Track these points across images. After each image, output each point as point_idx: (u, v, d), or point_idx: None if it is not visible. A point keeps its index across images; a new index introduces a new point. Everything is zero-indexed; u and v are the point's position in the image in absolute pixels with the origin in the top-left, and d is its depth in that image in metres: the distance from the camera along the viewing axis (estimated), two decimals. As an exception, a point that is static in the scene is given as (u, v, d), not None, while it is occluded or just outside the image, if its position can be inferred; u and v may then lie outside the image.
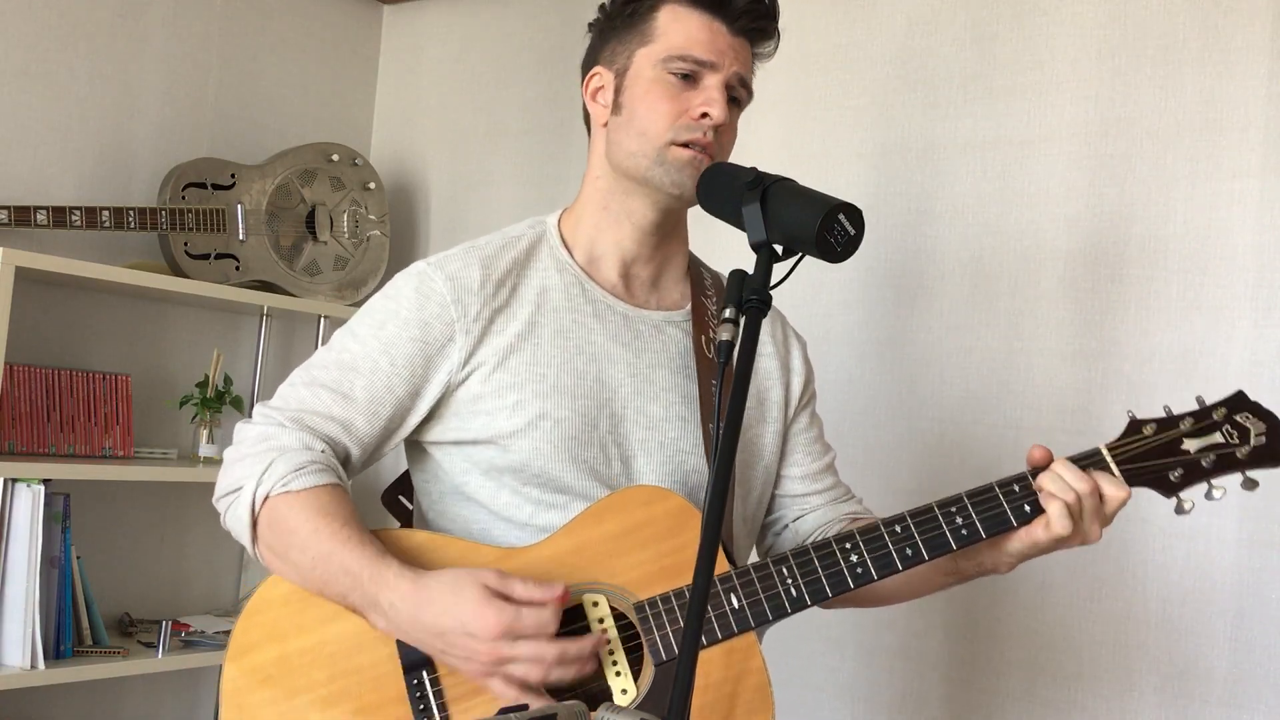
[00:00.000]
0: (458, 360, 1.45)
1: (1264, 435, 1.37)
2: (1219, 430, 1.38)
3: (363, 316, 1.49)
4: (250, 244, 2.85)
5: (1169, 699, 2.08)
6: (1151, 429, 1.39)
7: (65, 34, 2.72)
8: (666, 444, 1.50)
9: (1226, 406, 1.40)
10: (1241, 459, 1.38)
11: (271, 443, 1.41)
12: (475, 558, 1.40)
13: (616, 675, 1.36)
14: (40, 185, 2.67)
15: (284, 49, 3.15)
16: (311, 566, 1.36)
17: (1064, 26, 2.29)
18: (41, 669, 2.34)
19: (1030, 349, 2.27)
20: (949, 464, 2.34)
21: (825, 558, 1.38)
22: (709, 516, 1.08)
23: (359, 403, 1.44)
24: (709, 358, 1.54)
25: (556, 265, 1.52)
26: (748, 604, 1.36)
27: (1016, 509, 1.37)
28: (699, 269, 1.63)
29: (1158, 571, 2.11)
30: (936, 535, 1.37)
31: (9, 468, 2.36)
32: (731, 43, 1.49)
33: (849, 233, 1.28)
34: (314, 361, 1.49)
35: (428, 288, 1.45)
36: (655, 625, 1.36)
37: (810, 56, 2.57)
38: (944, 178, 2.39)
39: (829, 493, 1.65)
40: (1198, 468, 1.37)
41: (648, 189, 1.49)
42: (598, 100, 1.53)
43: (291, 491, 1.37)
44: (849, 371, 2.47)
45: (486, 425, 1.45)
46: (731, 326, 1.23)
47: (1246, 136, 2.09)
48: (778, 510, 1.65)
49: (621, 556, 1.39)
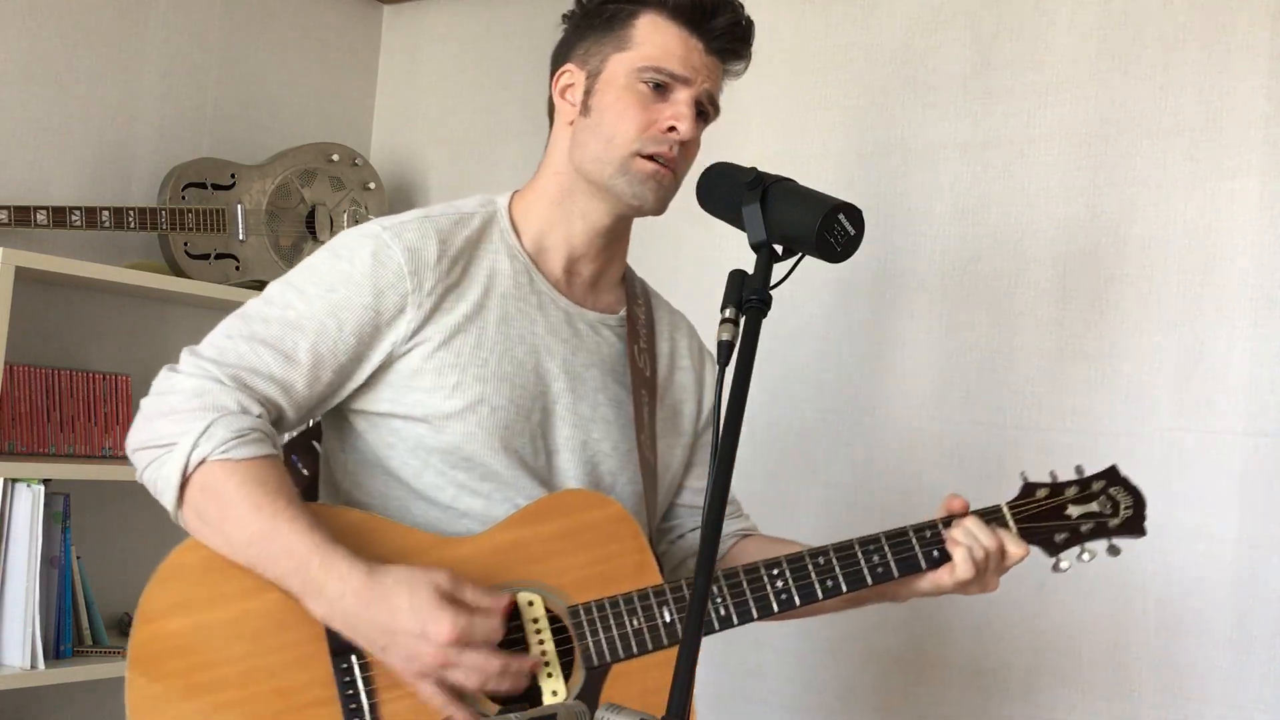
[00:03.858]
0: (405, 332, 1.43)
1: (1131, 509, 1.55)
2: (1096, 500, 1.55)
3: (309, 273, 1.44)
4: (250, 244, 2.85)
5: (1169, 699, 2.08)
6: (1044, 493, 1.54)
7: (65, 34, 2.71)
8: (589, 444, 1.53)
9: (1104, 479, 1.57)
10: (1111, 528, 1.55)
11: (208, 399, 1.35)
12: (410, 543, 1.39)
13: (548, 676, 1.38)
14: (40, 185, 2.67)
15: (284, 49, 3.15)
16: (248, 542, 1.32)
17: (1064, 26, 2.29)
18: (41, 669, 2.34)
19: (1030, 349, 2.27)
20: (949, 464, 2.34)
21: (753, 582, 1.44)
22: (709, 516, 1.09)
23: (302, 365, 1.40)
24: (639, 368, 1.57)
25: (507, 250, 1.52)
26: (679, 618, 1.41)
27: (927, 553, 1.48)
28: (633, 281, 1.65)
29: (1158, 571, 2.11)
30: (855, 571, 1.46)
31: (9, 468, 2.35)
32: (706, 60, 1.50)
33: (849, 233, 1.29)
34: (252, 314, 1.43)
35: (385, 254, 1.42)
36: (589, 630, 1.40)
37: (810, 56, 2.57)
38: (944, 178, 2.39)
39: (727, 508, 1.69)
40: (1077, 532, 1.54)
41: (606, 195, 1.50)
42: (566, 98, 1.53)
43: (232, 460, 1.32)
44: (848, 372, 2.47)
45: (421, 403, 1.44)
46: (731, 327, 1.23)
47: (1246, 136, 2.09)
48: (675, 519, 1.70)
49: (559, 558, 1.42)
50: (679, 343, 1.69)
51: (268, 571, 1.33)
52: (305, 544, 1.31)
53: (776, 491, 2.50)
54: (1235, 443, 2.06)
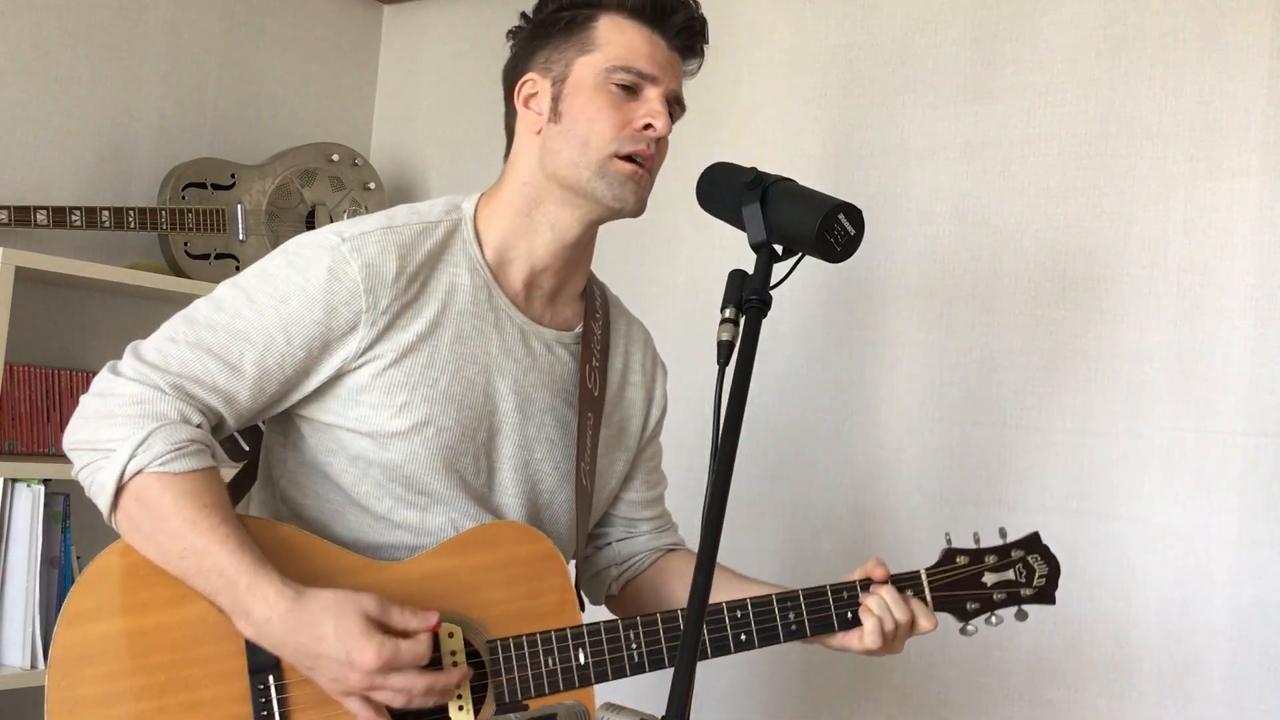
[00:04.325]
0: (355, 349, 1.41)
1: (1045, 578, 1.60)
2: (1013, 568, 1.59)
3: (262, 281, 1.42)
4: (250, 244, 2.85)
5: (1169, 699, 2.08)
6: (964, 560, 1.58)
7: (65, 34, 2.71)
8: (531, 463, 1.53)
9: (1023, 547, 1.60)
10: (1024, 597, 1.59)
11: (148, 408, 1.34)
12: (340, 564, 1.40)
13: (459, 710, 1.38)
14: (40, 185, 2.67)
15: (284, 49, 3.15)
16: (181, 556, 1.32)
17: (1064, 26, 2.29)
18: (41, 669, 2.34)
19: (1030, 349, 2.27)
20: (949, 465, 2.34)
21: (669, 629, 1.45)
22: (709, 515, 1.09)
23: (246, 376, 1.38)
24: (589, 388, 1.57)
25: (468, 263, 1.50)
26: (593, 662, 1.42)
27: (840, 615, 1.52)
28: (592, 290, 1.64)
29: (1158, 571, 2.11)
30: (769, 628, 1.50)
31: (9, 468, 2.35)
32: (669, 57, 1.50)
33: (849, 233, 1.28)
34: (199, 319, 1.41)
35: (341, 269, 1.39)
36: (504, 667, 1.40)
37: (810, 56, 2.57)
38: (943, 178, 2.39)
39: (656, 520, 1.73)
40: (990, 600, 1.58)
41: (584, 200, 1.48)
42: (531, 107, 1.52)
43: (169, 473, 1.32)
44: (848, 372, 2.47)
45: (366, 419, 1.43)
46: (731, 327, 1.22)
47: (1246, 136, 2.09)
48: (605, 525, 1.70)
49: (485, 591, 1.42)
50: (633, 357, 1.69)
51: (197, 586, 1.32)
52: (236, 566, 1.30)
53: (776, 492, 2.50)
54: (1235, 443, 2.06)
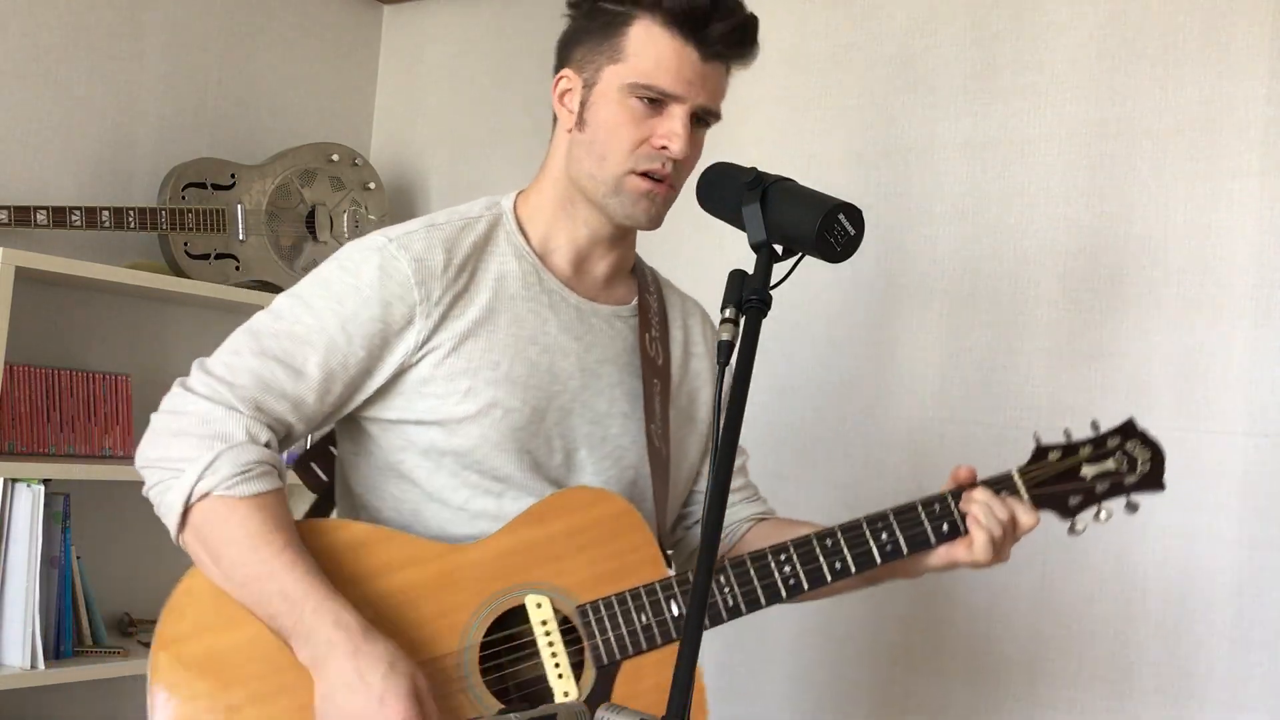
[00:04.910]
0: (414, 343, 1.43)
1: (1149, 463, 1.51)
2: (1112, 457, 1.51)
3: (317, 287, 1.44)
4: (250, 244, 2.85)
5: (1169, 699, 2.08)
6: (1056, 455, 1.51)
7: (65, 34, 2.71)
8: (609, 439, 1.52)
9: (1120, 434, 1.53)
10: (1128, 485, 1.51)
11: (217, 428, 1.35)
12: (418, 552, 1.40)
13: (559, 677, 1.38)
14: (40, 185, 2.67)
15: (284, 49, 3.15)
16: (244, 582, 1.34)
17: (1064, 26, 2.29)
18: (41, 669, 2.34)
19: (1030, 349, 2.27)
20: (949, 465, 2.32)
21: (760, 569, 1.44)
22: (709, 514, 1.09)
23: (311, 379, 1.40)
24: (650, 356, 1.56)
25: (514, 251, 1.51)
26: (686, 612, 1.39)
27: (936, 529, 1.47)
28: (643, 269, 1.65)
29: (1158, 571, 2.11)
30: (864, 552, 1.45)
31: (9, 468, 2.35)
32: (701, 70, 1.44)
33: (849, 233, 1.28)
34: (261, 329, 1.42)
35: (391, 266, 1.42)
36: (598, 629, 1.40)
37: (810, 56, 2.57)
38: (944, 178, 2.39)
39: (740, 492, 1.71)
40: (1092, 493, 1.50)
41: (602, 211, 1.49)
42: (565, 104, 1.51)
43: (234, 497, 1.33)
44: (848, 372, 2.47)
45: (434, 408, 1.44)
46: (731, 326, 1.22)
47: (1246, 136, 2.09)
48: (692, 505, 1.68)
49: (564, 559, 1.41)
50: (692, 330, 1.68)
51: (259, 610, 1.34)
52: (300, 588, 1.31)
53: (777, 492, 2.50)
54: (1235, 443, 2.06)
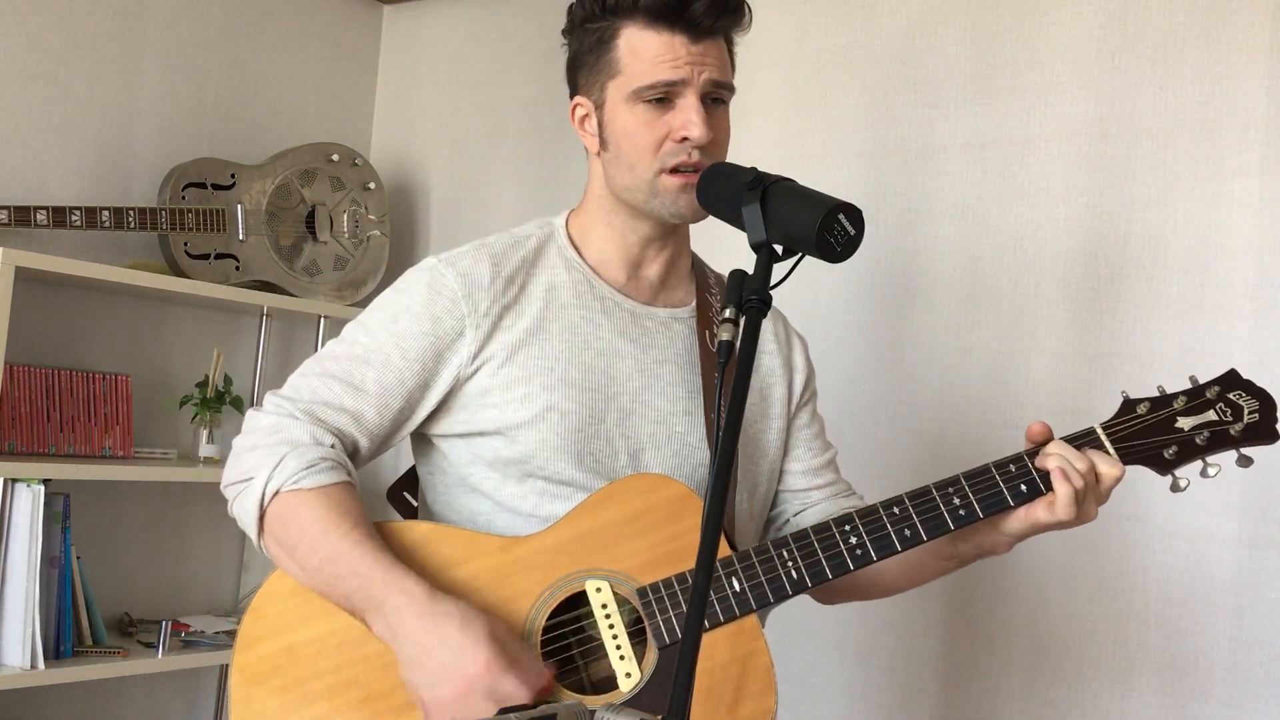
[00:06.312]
0: (467, 355, 1.47)
1: (1257, 413, 1.38)
2: (1213, 408, 1.38)
3: (374, 310, 1.52)
4: (250, 244, 2.85)
5: (1169, 699, 2.08)
6: (1145, 408, 1.40)
7: (65, 34, 2.72)
8: (674, 437, 1.52)
9: (1220, 385, 1.40)
10: (1235, 436, 1.38)
11: (283, 435, 1.43)
12: (479, 546, 1.43)
13: (621, 659, 1.38)
14: (40, 185, 2.68)
15: (284, 49, 3.15)
16: (319, 566, 1.38)
17: (1064, 26, 2.29)
18: (41, 669, 2.34)
19: (1030, 349, 2.27)
20: (949, 465, 2.32)
21: (825, 540, 1.40)
22: (709, 514, 1.09)
23: (370, 394, 1.46)
24: (712, 351, 1.55)
25: (565, 263, 1.54)
26: (749, 587, 1.39)
27: (1013, 489, 1.40)
28: (703, 269, 1.66)
29: (1158, 571, 2.11)
30: (934, 516, 1.39)
31: (9, 468, 2.36)
32: (695, 50, 1.45)
33: (849, 233, 1.28)
34: (325, 353, 1.51)
35: (439, 283, 1.48)
36: (658, 609, 1.39)
37: (810, 56, 2.57)
38: (944, 178, 2.39)
39: (830, 488, 1.66)
40: (1192, 445, 1.37)
41: (648, 216, 1.51)
42: (585, 130, 1.54)
43: (303, 489, 1.39)
44: (849, 372, 2.47)
45: (494, 418, 1.47)
46: (731, 326, 1.23)
47: (1246, 136, 2.09)
48: (780, 505, 1.67)
49: (623, 543, 1.41)
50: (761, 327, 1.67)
51: (335, 593, 1.38)
52: (369, 563, 1.36)
53: (776, 491, 2.50)
54: (1235, 443, 2.06)
